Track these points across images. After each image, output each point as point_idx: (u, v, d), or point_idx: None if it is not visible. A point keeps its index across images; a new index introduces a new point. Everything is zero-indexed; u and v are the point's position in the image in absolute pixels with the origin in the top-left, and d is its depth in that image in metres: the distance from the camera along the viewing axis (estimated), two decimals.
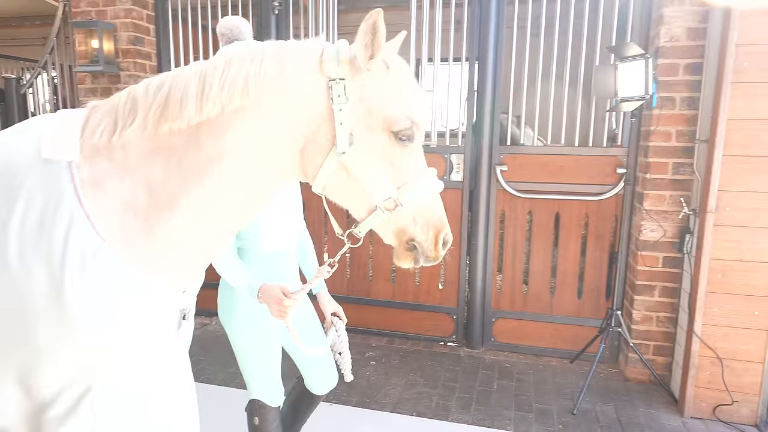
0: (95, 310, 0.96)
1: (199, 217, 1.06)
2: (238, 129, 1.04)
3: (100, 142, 1.02)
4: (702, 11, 2.83)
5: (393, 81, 1.12)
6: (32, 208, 0.96)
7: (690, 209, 2.92)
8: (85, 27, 3.69)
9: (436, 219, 1.17)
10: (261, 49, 1.10)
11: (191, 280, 1.15)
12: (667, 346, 3.14)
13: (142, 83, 1.09)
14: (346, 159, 1.10)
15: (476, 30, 3.46)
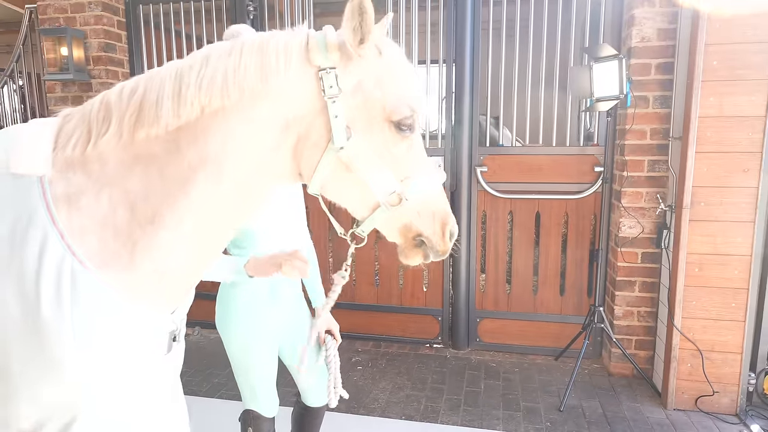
0: (76, 338, 0.90)
1: (185, 231, 0.98)
2: (220, 131, 0.97)
3: (74, 155, 0.95)
4: (671, 12, 2.90)
5: (388, 66, 1.05)
6: (1, 226, 0.89)
7: (666, 205, 2.99)
8: (53, 34, 3.58)
9: (441, 211, 1.13)
10: (240, 41, 1.02)
11: (180, 299, 1.08)
12: (648, 340, 3.21)
13: (115, 87, 1.01)
14: (345, 154, 1.03)
15: (452, 32, 3.48)
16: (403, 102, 1.05)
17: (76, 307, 0.89)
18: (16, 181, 0.92)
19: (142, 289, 0.97)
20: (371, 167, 1.05)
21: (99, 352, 0.93)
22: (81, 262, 0.90)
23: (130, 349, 0.97)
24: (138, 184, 0.95)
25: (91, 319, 0.91)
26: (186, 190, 0.96)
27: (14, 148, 0.95)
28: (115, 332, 0.94)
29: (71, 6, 3.68)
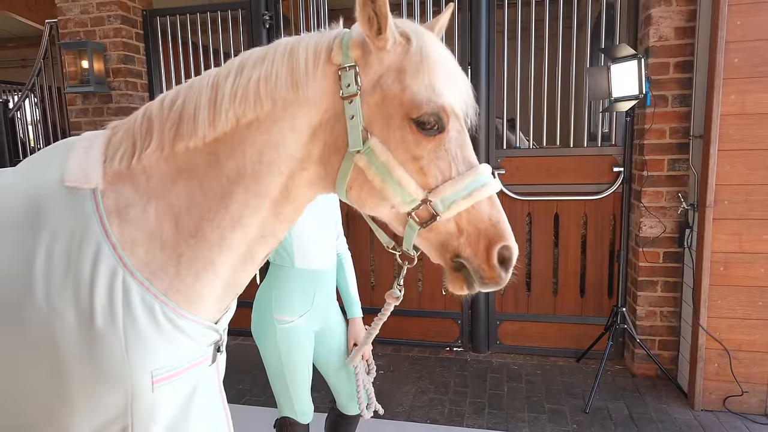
0: (127, 349, 0.92)
1: (226, 244, 0.99)
2: (256, 143, 0.97)
3: (121, 168, 0.97)
4: (689, 11, 2.89)
5: (414, 58, 0.94)
6: (58, 239, 0.92)
7: (688, 204, 2.97)
8: (74, 48, 3.65)
9: (487, 227, 0.95)
10: (274, 45, 1.00)
11: (223, 310, 1.09)
12: (672, 340, 3.18)
13: (158, 98, 1.03)
14: (361, 159, 0.95)
15: (467, 36, 3.49)
16: (426, 96, 0.93)
17: (127, 317, 0.92)
18: (71, 194, 0.94)
19: (187, 300, 0.99)
20: (388, 173, 0.95)
21: (148, 363, 0.94)
22: (132, 273, 0.93)
23: (177, 360, 0.99)
24: (181, 197, 0.97)
25: (142, 330, 0.93)
26: (225, 203, 0.97)
27: (68, 161, 0.97)
28: (164, 343, 0.96)
29: (91, 20, 3.75)
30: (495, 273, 0.96)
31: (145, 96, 4.02)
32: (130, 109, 3.85)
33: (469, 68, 3.53)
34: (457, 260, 0.98)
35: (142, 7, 3.95)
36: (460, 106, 0.98)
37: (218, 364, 1.14)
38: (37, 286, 0.90)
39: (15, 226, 0.94)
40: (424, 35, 0.97)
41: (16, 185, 1.00)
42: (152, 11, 3.95)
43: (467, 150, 0.99)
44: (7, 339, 0.92)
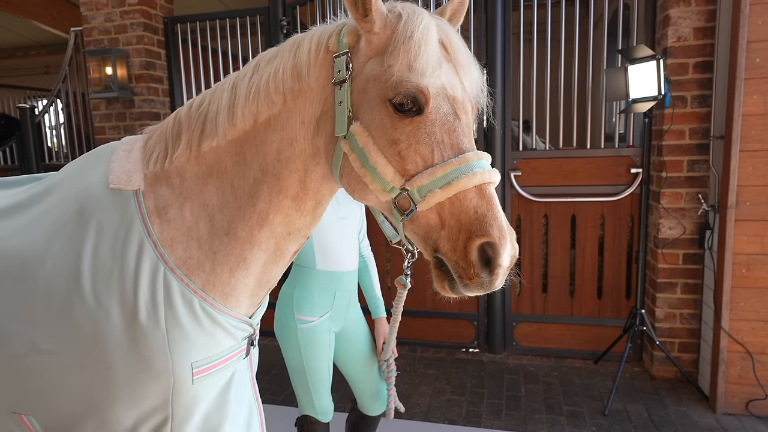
0: (168, 342, 0.96)
1: (256, 240, 1.03)
2: (275, 141, 1.00)
3: (156, 170, 1.03)
4: (708, 11, 2.87)
5: (399, 38, 0.90)
6: (104, 237, 0.98)
7: (709, 205, 2.94)
8: (98, 54, 3.75)
9: (470, 220, 0.85)
10: (287, 41, 1.03)
11: (256, 305, 1.13)
12: (692, 342, 3.15)
13: (187, 103, 1.09)
14: (346, 144, 0.93)
15: (483, 37, 3.50)
16: (403, 76, 0.88)
17: (169, 312, 0.97)
18: (115, 196, 1.00)
19: (223, 295, 1.03)
20: (368, 158, 0.91)
21: (189, 356, 0.99)
22: (172, 270, 0.98)
23: (215, 353, 1.04)
24: (214, 197, 1.02)
25: (182, 324, 0.98)
26: (252, 202, 1.01)
27: (111, 164, 1.03)
28: (203, 336, 1.01)
29: (114, 27, 3.84)
30: (473, 273, 0.85)
31: (166, 101, 4.11)
32: (152, 114, 3.95)
33: (485, 69, 3.53)
34: (436, 255, 0.90)
35: (164, 15, 4.04)
36: (452, 89, 0.92)
37: (251, 357, 1.18)
38: (84, 282, 0.96)
39: (66, 225, 1.01)
40: (416, 15, 0.92)
41: (68, 187, 1.06)
42: (173, 18, 4.04)
43: (458, 136, 0.90)
44: (56, 331, 0.98)
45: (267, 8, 3.76)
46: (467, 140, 0.92)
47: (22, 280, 1.00)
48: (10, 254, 1.03)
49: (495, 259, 0.84)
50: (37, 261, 1.00)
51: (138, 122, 3.94)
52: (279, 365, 3.37)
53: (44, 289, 0.98)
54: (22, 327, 1.00)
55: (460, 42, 0.96)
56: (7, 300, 1.01)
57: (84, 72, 4.07)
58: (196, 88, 4.05)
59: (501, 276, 0.86)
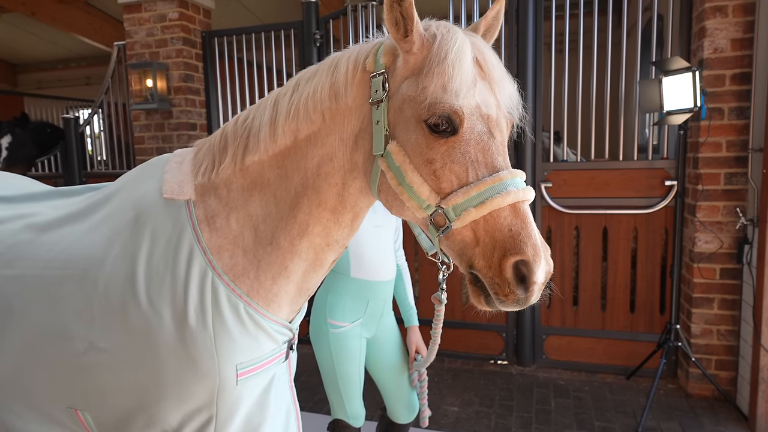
0: (215, 344, 1.01)
1: (296, 250, 1.07)
2: (316, 157, 1.04)
3: (204, 181, 1.09)
4: (746, 22, 2.83)
5: (433, 59, 0.92)
6: (157, 243, 1.04)
7: (747, 219, 2.87)
8: (140, 68, 3.91)
9: (504, 237, 0.87)
10: (326, 60, 1.07)
11: (295, 311, 1.18)
12: (730, 360, 3.07)
13: (234, 118, 1.14)
14: (383, 162, 0.96)
15: (514, 47, 3.51)
16: (437, 97, 0.90)
17: (216, 315, 1.02)
18: (169, 205, 1.07)
19: (265, 300, 1.08)
20: (404, 176, 0.93)
21: (234, 358, 1.04)
22: (219, 275, 1.03)
23: (258, 355, 1.08)
24: (258, 208, 1.07)
25: (228, 327, 1.03)
26: (293, 214, 1.06)
27: (165, 175, 1.10)
28: (247, 339, 1.06)
29: (155, 42, 4.00)
30: (508, 290, 0.87)
31: (203, 112, 4.25)
32: (189, 125, 4.08)
33: (516, 81, 3.54)
34: (471, 271, 0.92)
35: (202, 29, 4.18)
36: (486, 108, 0.93)
37: (290, 361, 1.22)
38: (139, 286, 1.02)
39: (123, 231, 1.08)
40: (451, 34, 0.93)
41: (124, 196, 1.13)
42: (210, 32, 4.18)
43: (492, 154, 0.92)
44: (112, 331, 1.04)
45: (301, 22, 3.85)
46: (501, 158, 0.93)
47: (83, 283, 1.07)
48: (73, 258, 1.10)
49: (529, 276, 0.86)
50: (96, 265, 1.07)
51: (176, 132, 4.08)
52: (308, 372, 3.42)
53: (102, 291, 1.05)
54: (82, 326, 1.06)
55: (495, 58, 0.97)
56: (69, 301, 1.08)
57: (125, 84, 4.24)
58: (232, 99, 4.17)
59: (536, 292, 0.89)
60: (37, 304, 1.11)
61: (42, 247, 1.15)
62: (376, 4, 3.64)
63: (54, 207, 1.25)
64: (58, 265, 1.11)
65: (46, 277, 1.11)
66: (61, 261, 1.11)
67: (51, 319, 1.09)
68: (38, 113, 8.04)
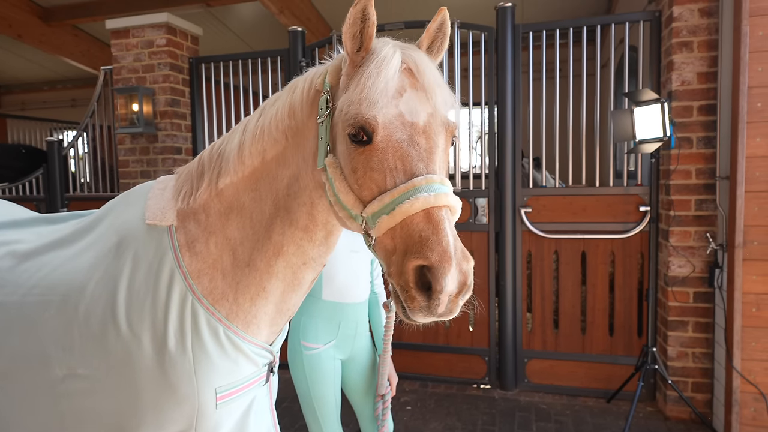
0: (195, 368, 1.03)
1: (273, 271, 1.10)
2: (285, 177, 1.07)
3: (183, 206, 1.12)
4: (710, 57, 2.98)
5: (361, 71, 0.95)
6: (139, 268, 1.07)
7: (717, 244, 2.98)
8: (126, 92, 3.94)
9: (414, 242, 0.85)
10: (288, 85, 1.11)
11: (275, 333, 1.20)
12: (705, 382, 3.13)
13: (210, 145, 1.19)
14: (323, 174, 1.00)
15: (494, 75, 3.62)
16: (355, 109, 0.92)
17: (195, 339, 1.04)
18: (151, 231, 1.10)
19: (245, 323, 1.11)
20: (333, 186, 0.97)
21: (213, 381, 1.06)
22: (199, 299, 1.06)
23: (237, 379, 1.10)
24: (235, 231, 1.10)
25: (208, 350, 1.05)
26: (268, 234, 1.09)
27: (148, 201, 1.14)
28: (227, 363, 1.08)
29: (142, 67, 4.05)
30: (410, 295, 0.84)
31: (188, 136, 4.28)
32: (174, 149, 4.11)
33: (495, 107, 3.65)
34: (390, 280, 0.91)
35: (189, 55, 4.25)
36: (410, 116, 0.93)
37: (271, 384, 1.24)
38: (119, 310, 1.04)
39: (105, 257, 1.11)
40: (382, 48, 0.96)
41: (108, 223, 1.17)
42: (198, 58, 4.24)
43: (412, 161, 0.90)
44: (91, 356, 1.06)
45: (287, 50, 3.94)
46: (422, 165, 0.91)
47: (63, 308, 1.09)
48: (54, 285, 1.12)
49: (433, 283, 0.82)
50: (78, 290, 1.09)
51: (160, 156, 4.10)
52: (290, 398, 3.39)
53: (83, 316, 1.07)
54: (61, 353, 1.08)
55: (428, 66, 0.98)
56: (49, 327, 1.09)
57: (111, 107, 4.26)
58: (218, 123, 4.22)
59: (445, 302, 0.83)
60: (15, 332, 1.12)
61: (23, 274, 1.16)
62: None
63: (38, 234, 1.27)
64: (39, 291, 1.12)
65: (26, 303, 1.12)
66: (41, 287, 1.13)
67: (30, 346, 1.10)
68: (21, 135, 7.98)
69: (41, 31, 6.15)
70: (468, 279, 0.85)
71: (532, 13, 6.25)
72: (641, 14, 3.34)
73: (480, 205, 3.77)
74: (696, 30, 2.99)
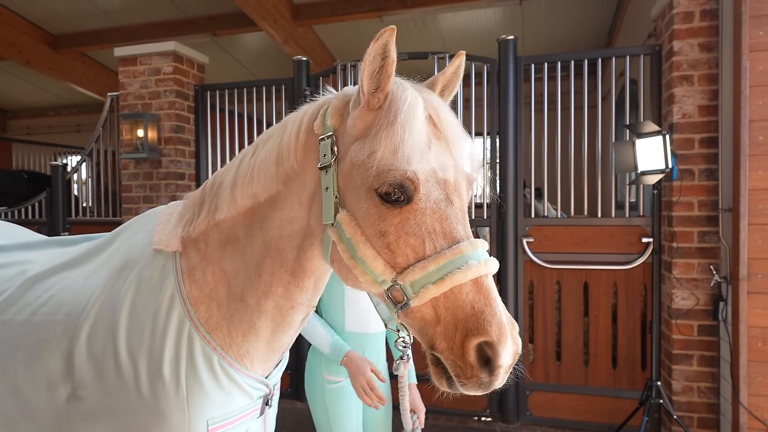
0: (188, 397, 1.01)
1: (262, 309, 1.07)
2: (276, 219, 1.03)
3: (185, 234, 1.12)
4: (711, 90, 3.02)
5: (384, 120, 0.85)
6: (142, 290, 1.07)
7: (721, 277, 2.96)
8: (132, 118, 3.98)
9: (467, 316, 0.80)
10: (280, 122, 1.05)
11: (270, 368, 1.17)
12: (711, 417, 3.06)
13: (214, 174, 1.17)
14: (333, 232, 0.90)
15: (496, 106, 3.66)
16: (388, 163, 0.83)
17: (190, 368, 1.02)
18: (157, 255, 1.10)
19: (238, 355, 1.09)
20: (354, 249, 0.86)
21: (205, 412, 1.04)
22: (196, 326, 1.05)
23: (231, 410, 1.08)
24: (230, 263, 1.09)
25: (201, 380, 1.03)
26: (258, 273, 1.06)
27: (155, 227, 1.14)
28: (220, 394, 1.06)
29: (148, 93, 4.11)
30: (471, 373, 0.80)
31: (192, 162, 4.31)
32: (177, 174, 4.13)
33: (497, 138, 3.68)
34: (432, 352, 0.84)
35: (195, 83, 4.31)
36: (443, 172, 0.87)
37: (266, 417, 1.21)
38: (120, 333, 1.03)
39: (110, 279, 1.11)
40: (403, 92, 0.87)
41: (117, 246, 1.17)
42: (203, 86, 4.30)
43: (451, 223, 0.85)
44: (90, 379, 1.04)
45: (292, 79, 4.00)
46: (461, 227, 0.86)
47: (68, 328, 1.09)
48: (60, 304, 1.12)
49: (495, 359, 0.79)
50: (82, 311, 1.09)
51: (164, 181, 4.12)
52: (288, 427, 3.32)
53: (86, 337, 1.06)
54: (66, 373, 1.06)
55: (451, 116, 0.92)
56: (55, 346, 1.09)
57: (116, 132, 4.30)
58: (221, 149, 4.25)
59: (502, 375, 0.81)
60: (21, 350, 1.11)
61: (33, 294, 1.17)
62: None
63: (50, 256, 1.28)
64: (46, 310, 1.13)
65: (32, 322, 1.12)
66: (49, 306, 1.13)
67: (35, 364, 1.09)
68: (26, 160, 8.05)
69: (50, 57, 6.27)
70: (519, 347, 0.83)
71: (533, 46, 6.37)
72: (642, 48, 3.40)
73: (482, 235, 3.76)
74: (696, 64, 3.04)
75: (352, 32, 6.03)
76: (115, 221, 4.34)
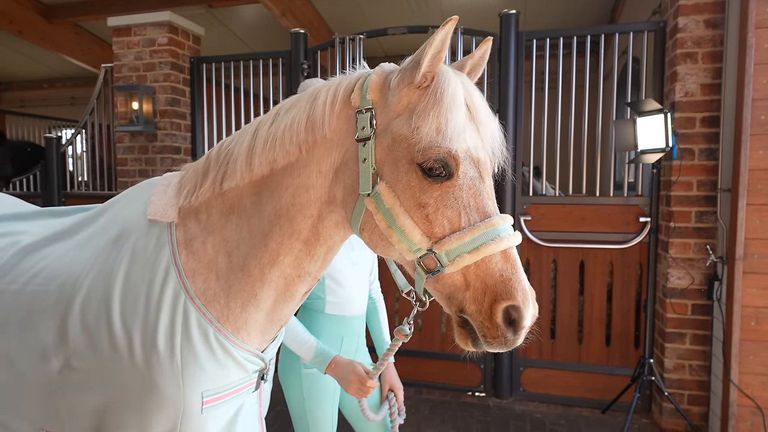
0: (182, 370, 1.00)
1: (266, 279, 1.06)
2: (291, 187, 1.02)
3: (185, 204, 1.10)
4: (714, 68, 2.98)
5: (428, 99, 0.91)
6: (136, 261, 1.06)
7: (717, 257, 2.96)
8: (126, 90, 3.92)
9: (496, 282, 0.89)
10: (307, 91, 1.06)
11: (267, 340, 1.16)
12: (702, 395, 3.11)
13: (219, 143, 1.15)
14: (371, 202, 0.94)
15: (496, 84, 3.61)
16: (433, 140, 0.89)
17: (185, 340, 1.02)
18: (152, 226, 1.09)
19: (235, 328, 1.08)
20: (394, 218, 0.92)
21: (200, 385, 1.03)
22: (192, 298, 1.04)
23: (225, 383, 1.08)
24: (233, 233, 1.07)
25: (196, 352, 1.02)
26: (265, 242, 1.05)
27: (151, 198, 1.12)
28: (215, 366, 1.05)
29: (143, 65, 4.04)
30: (498, 333, 0.89)
31: (188, 136, 4.26)
32: (173, 148, 4.08)
33: (497, 116, 3.63)
34: (461, 315, 0.93)
35: (191, 55, 4.23)
36: (476, 151, 0.94)
37: (261, 392, 1.20)
38: (114, 304, 1.03)
39: (104, 250, 1.10)
40: (446, 74, 0.93)
41: (111, 216, 1.16)
42: (199, 58, 4.23)
43: (483, 199, 0.93)
44: (84, 349, 1.04)
45: (289, 52, 3.93)
46: (491, 203, 0.95)
47: (61, 298, 1.08)
48: (53, 275, 1.11)
49: (519, 321, 0.89)
50: (75, 282, 1.08)
51: (159, 155, 4.08)
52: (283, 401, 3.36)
53: (79, 308, 1.05)
54: (60, 343, 1.06)
55: (482, 100, 0.98)
56: (46, 316, 1.08)
57: (111, 105, 4.24)
58: (218, 123, 4.20)
59: (523, 334, 0.92)
60: (14, 321, 1.11)
61: (25, 264, 1.16)
62: (363, 37, 3.74)
63: (42, 226, 1.26)
64: (39, 281, 1.12)
65: (25, 293, 1.12)
66: (41, 277, 1.12)
67: (28, 335, 1.09)
68: (20, 132, 7.95)
69: (42, 28, 6.12)
70: (537, 312, 0.93)
71: (534, 22, 6.26)
72: (646, 24, 3.34)
73: None
74: (701, 41, 2.99)
75: (350, 6, 5.90)
76: (110, 195, 4.30)
